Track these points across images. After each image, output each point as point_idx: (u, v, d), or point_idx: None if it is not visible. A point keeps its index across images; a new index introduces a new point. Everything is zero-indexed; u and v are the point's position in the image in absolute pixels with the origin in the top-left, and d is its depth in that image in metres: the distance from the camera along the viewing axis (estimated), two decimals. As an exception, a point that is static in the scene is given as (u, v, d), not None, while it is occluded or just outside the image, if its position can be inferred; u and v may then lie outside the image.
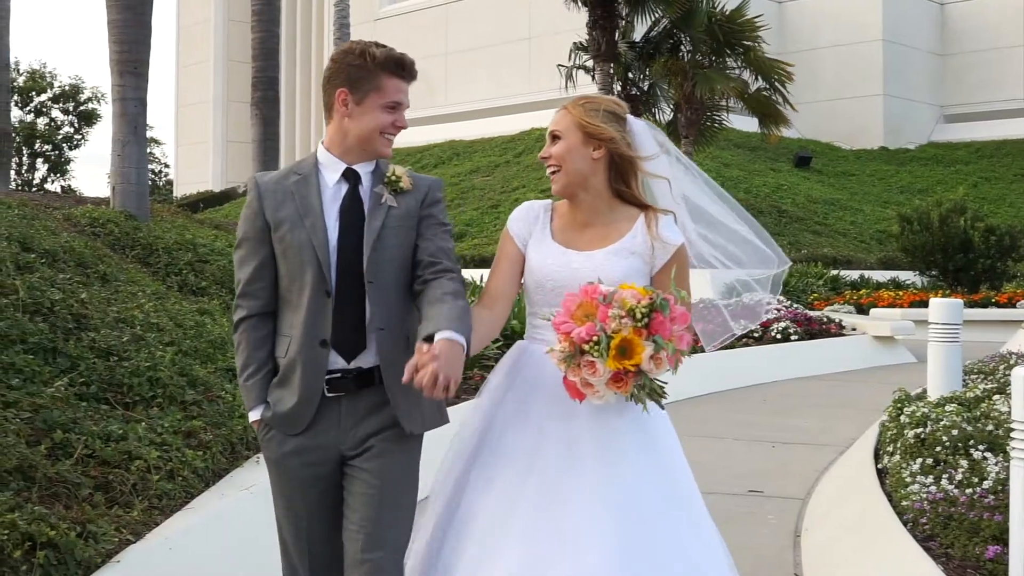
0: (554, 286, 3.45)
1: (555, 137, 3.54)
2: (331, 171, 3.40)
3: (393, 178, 3.42)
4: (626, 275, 3.36)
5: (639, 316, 3.04)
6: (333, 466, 3.37)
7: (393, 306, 3.36)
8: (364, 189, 3.40)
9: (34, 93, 50.52)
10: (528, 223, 3.63)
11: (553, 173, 3.53)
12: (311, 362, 3.30)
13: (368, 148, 3.39)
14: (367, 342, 3.33)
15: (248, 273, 3.40)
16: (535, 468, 3.33)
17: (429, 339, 3.06)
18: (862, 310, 22.40)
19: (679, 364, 3.14)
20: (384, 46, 3.39)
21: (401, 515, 3.34)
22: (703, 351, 4.32)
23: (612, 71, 23.28)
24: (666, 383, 3.20)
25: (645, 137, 3.59)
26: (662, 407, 3.25)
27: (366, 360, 3.33)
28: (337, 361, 3.32)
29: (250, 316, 3.41)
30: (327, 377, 3.31)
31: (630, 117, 3.60)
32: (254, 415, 3.41)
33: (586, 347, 3.05)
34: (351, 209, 3.37)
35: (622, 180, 3.52)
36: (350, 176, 3.40)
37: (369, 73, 3.33)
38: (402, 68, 3.37)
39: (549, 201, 3.70)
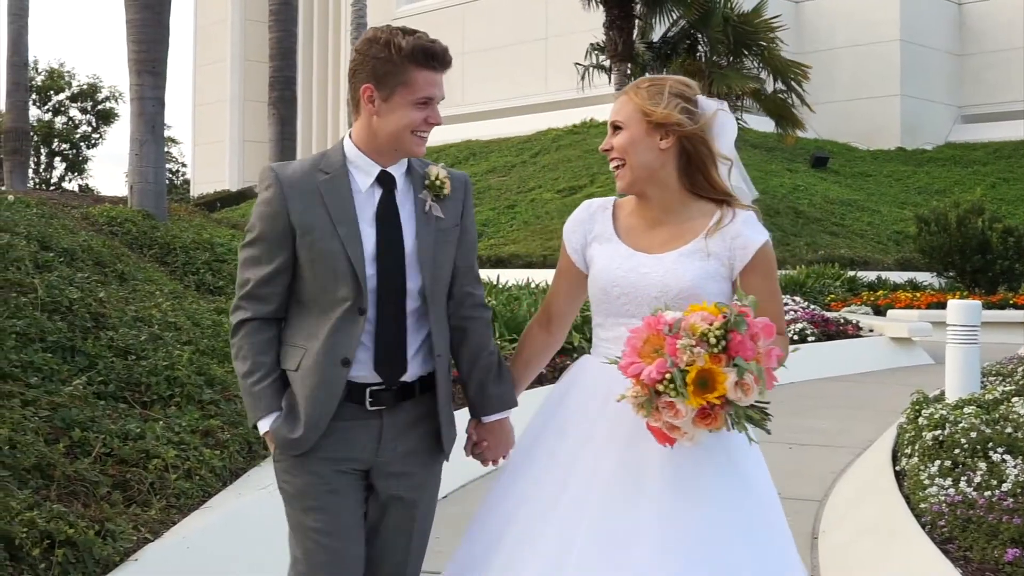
0: (620, 293, 3.11)
1: (616, 127, 3.15)
2: (363, 173, 3.11)
3: (437, 183, 3.16)
4: (698, 280, 3.02)
5: (713, 341, 2.63)
6: (359, 479, 3.15)
7: (443, 328, 3.20)
8: (399, 195, 3.13)
9: (52, 92, 50.69)
10: (583, 229, 3.28)
11: (617, 168, 3.14)
12: (327, 381, 3.04)
13: (400, 148, 3.09)
14: (408, 365, 3.11)
15: (261, 275, 3.08)
16: (588, 509, 2.96)
17: (476, 414, 3.34)
18: (879, 311, 22.31)
19: (773, 382, 2.72)
20: (412, 32, 3.06)
21: (423, 545, 3.27)
22: None
23: (629, 71, 23.26)
24: (768, 402, 2.77)
25: (720, 118, 3.19)
26: (768, 431, 2.80)
27: (406, 376, 3.13)
28: (368, 376, 3.09)
29: (254, 319, 3.11)
30: (371, 389, 3.08)
31: (701, 97, 3.19)
32: (265, 424, 3.10)
33: (660, 387, 2.65)
34: (387, 218, 3.09)
35: (697, 170, 3.12)
36: (384, 180, 3.11)
37: (396, 67, 3.01)
38: (433, 58, 3.06)
39: (611, 198, 3.33)
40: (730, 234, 3.07)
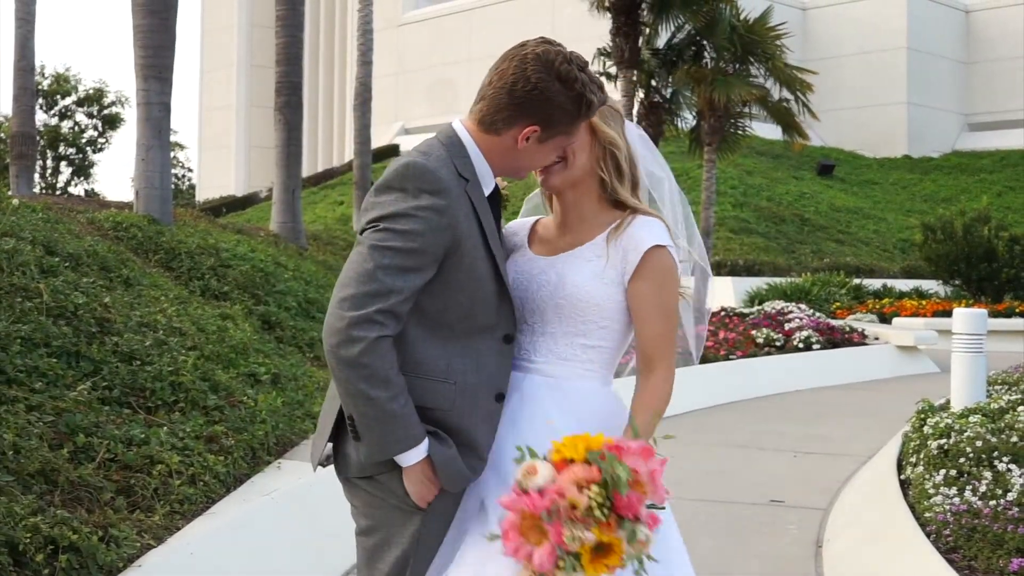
0: (517, 295, 2.95)
1: None
2: (485, 187, 2.84)
3: (505, 201, 3.06)
4: (586, 281, 2.89)
5: (598, 514, 2.39)
6: None
7: None
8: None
9: (59, 96, 50.76)
10: (509, 243, 3.16)
11: (551, 164, 2.97)
12: (488, 420, 2.78)
13: (516, 174, 2.94)
14: None
15: (410, 290, 2.64)
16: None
17: None
18: (885, 319, 22.31)
19: (664, 494, 2.49)
20: (595, 81, 2.79)
21: None
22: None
23: (635, 78, 23.23)
24: (663, 507, 2.55)
25: (635, 143, 3.10)
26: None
27: None
28: None
29: (390, 337, 2.63)
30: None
31: (627, 122, 3.13)
32: (420, 452, 2.70)
33: (558, 572, 2.42)
34: (499, 237, 2.90)
35: (621, 184, 3.01)
36: (495, 196, 2.91)
37: (572, 119, 2.78)
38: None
39: (537, 217, 3.25)
40: (625, 235, 2.94)
